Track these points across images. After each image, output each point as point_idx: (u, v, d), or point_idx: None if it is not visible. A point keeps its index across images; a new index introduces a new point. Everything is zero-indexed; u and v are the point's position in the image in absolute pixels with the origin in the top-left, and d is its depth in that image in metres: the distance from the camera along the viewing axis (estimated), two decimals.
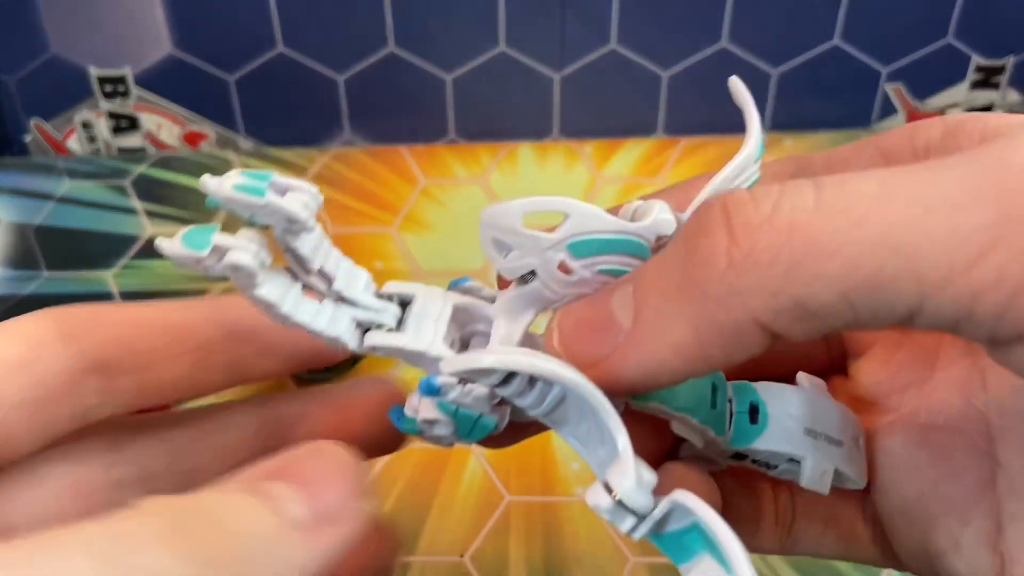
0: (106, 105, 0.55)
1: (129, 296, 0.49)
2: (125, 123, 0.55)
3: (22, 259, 0.50)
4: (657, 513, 0.15)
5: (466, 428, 0.19)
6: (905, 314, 0.14)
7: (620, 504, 0.15)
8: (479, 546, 0.35)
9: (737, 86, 0.19)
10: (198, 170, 0.53)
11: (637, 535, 0.16)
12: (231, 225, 0.17)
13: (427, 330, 0.19)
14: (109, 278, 0.50)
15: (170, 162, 0.54)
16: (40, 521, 0.19)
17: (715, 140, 0.53)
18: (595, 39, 0.52)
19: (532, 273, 0.18)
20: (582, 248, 0.18)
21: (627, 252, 0.18)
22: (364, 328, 0.19)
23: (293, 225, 0.18)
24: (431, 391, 0.18)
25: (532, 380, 0.17)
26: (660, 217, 0.18)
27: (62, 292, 0.49)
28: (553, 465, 0.39)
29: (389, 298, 0.20)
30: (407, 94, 0.54)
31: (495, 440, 0.20)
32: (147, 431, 0.21)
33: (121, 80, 0.54)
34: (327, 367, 0.43)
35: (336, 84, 0.54)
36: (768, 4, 0.51)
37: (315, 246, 0.19)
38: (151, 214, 0.52)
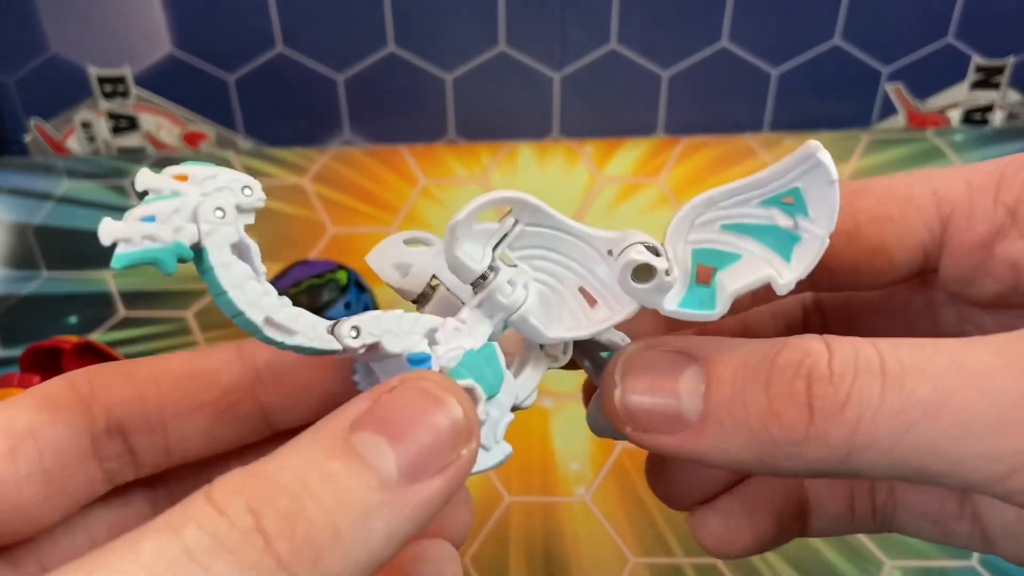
0: (106, 105, 0.55)
1: (129, 297, 0.49)
2: (125, 123, 0.55)
3: (21, 259, 0.50)
4: (671, 252, 0.18)
5: (479, 370, 0.19)
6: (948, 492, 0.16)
7: (654, 251, 0.18)
8: (479, 547, 0.35)
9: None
10: None
11: (673, 271, 0.18)
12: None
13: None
14: (108, 278, 0.50)
15: (170, 162, 0.53)
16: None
17: (715, 140, 0.53)
18: (595, 39, 0.52)
19: (483, 278, 0.19)
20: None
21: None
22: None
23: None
24: (420, 363, 0.19)
25: (511, 280, 0.19)
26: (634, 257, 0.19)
27: (61, 292, 0.49)
28: (553, 465, 0.39)
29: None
30: (407, 94, 0.54)
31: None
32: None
33: (121, 80, 0.54)
34: None
35: (336, 84, 0.54)
36: (768, 4, 0.51)
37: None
38: None
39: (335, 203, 0.52)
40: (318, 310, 0.40)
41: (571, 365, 0.21)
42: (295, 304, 0.42)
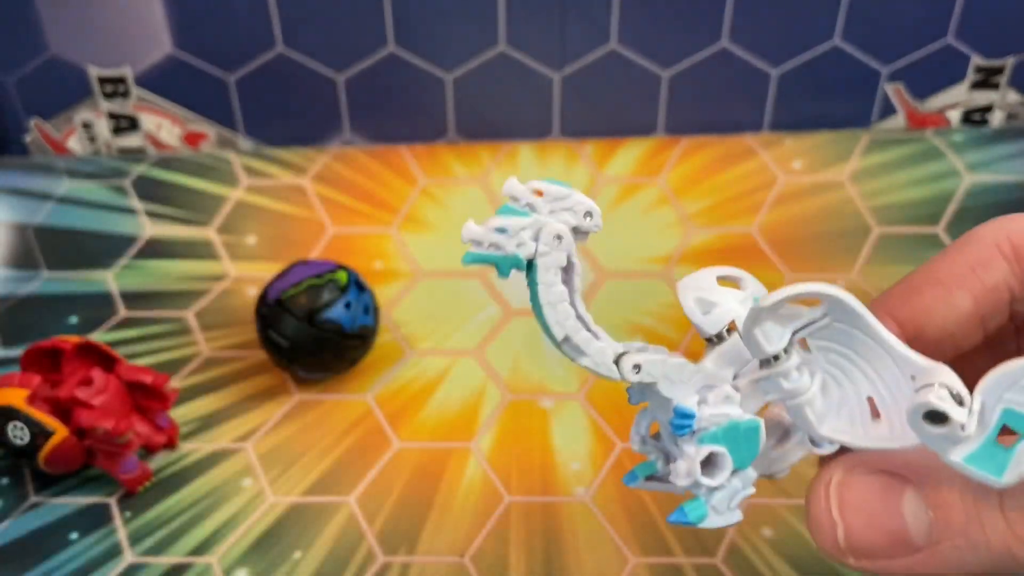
0: (106, 105, 0.55)
1: (129, 297, 0.49)
2: (125, 123, 0.55)
3: (22, 259, 0.50)
4: (977, 405, 0.17)
5: (735, 442, 0.20)
6: None
7: (958, 399, 0.17)
8: (479, 547, 0.35)
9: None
10: (198, 170, 0.53)
11: (970, 427, 0.17)
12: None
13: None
14: (109, 278, 0.50)
15: (170, 162, 0.54)
16: None
17: (715, 140, 0.53)
18: (595, 39, 0.52)
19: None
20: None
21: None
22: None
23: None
24: (683, 418, 0.20)
25: (799, 367, 0.19)
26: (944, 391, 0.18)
27: (62, 292, 0.49)
28: (553, 466, 0.39)
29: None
30: (407, 94, 0.54)
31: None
32: None
33: (121, 80, 0.54)
34: (324, 368, 0.43)
35: (336, 84, 0.54)
36: (768, 4, 0.51)
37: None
38: (151, 214, 0.52)
39: (335, 203, 0.52)
40: (318, 309, 0.40)
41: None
42: (295, 304, 0.43)
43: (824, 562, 0.34)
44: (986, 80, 0.53)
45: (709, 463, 0.20)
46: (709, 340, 0.21)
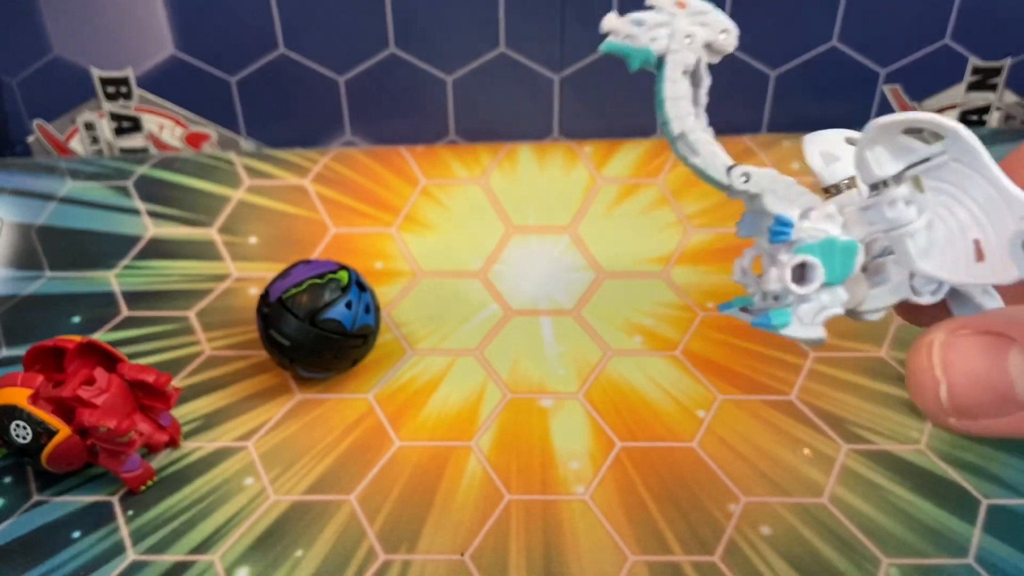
0: (108, 106, 0.55)
1: (131, 297, 0.49)
2: (127, 124, 0.56)
3: (24, 259, 0.51)
4: None
5: (830, 257, 0.20)
6: None
7: None
8: (479, 545, 0.35)
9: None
10: (200, 171, 0.53)
11: None
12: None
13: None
14: (111, 278, 0.50)
15: (172, 163, 0.54)
16: None
17: None
18: (595, 39, 0.52)
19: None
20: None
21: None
22: None
23: None
24: (781, 225, 0.20)
25: (907, 200, 0.19)
26: None
27: (64, 292, 0.49)
28: (553, 464, 0.39)
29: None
30: (407, 95, 0.54)
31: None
32: None
33: (123, 81, 0.54)
34: (326, 368, 0.43)
35: (337, 85, 0.54)
36: (766, 5, 0.51)
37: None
38: (153, 215, 0.52)
39: (336, 203, 0.52)
40: (319, 309, 0.40)
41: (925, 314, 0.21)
42: (296, 303, 0.44)
43: (823, 561, 0.34)
44: (983, 81, 0.53)
45: (801, 275, 0.20)
46: (827, 190, 0.22)
